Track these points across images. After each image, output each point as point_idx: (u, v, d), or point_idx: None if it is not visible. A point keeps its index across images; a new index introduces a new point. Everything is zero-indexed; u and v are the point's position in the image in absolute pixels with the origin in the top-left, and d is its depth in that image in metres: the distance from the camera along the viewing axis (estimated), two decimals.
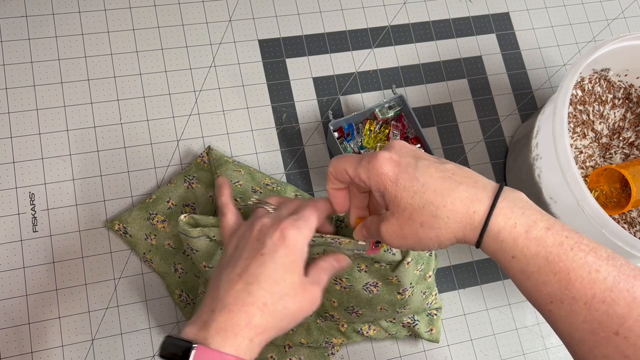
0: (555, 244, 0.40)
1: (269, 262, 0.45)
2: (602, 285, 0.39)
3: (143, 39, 0.73)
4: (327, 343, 0.66)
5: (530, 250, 0.40)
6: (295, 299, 0.45)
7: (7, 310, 0.62)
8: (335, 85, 0.76)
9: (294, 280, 0.45)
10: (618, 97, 0.75)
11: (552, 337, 0.72)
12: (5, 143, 0.67)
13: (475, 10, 0.83)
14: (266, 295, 0.44)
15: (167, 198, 0.66)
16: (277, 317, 0.44)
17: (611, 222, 0.57)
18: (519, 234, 0.40)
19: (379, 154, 0.44)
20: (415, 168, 0.43)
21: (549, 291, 0.40)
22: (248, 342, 0.42)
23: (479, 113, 0.79)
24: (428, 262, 0.61)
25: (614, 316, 0.39)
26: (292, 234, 0.46)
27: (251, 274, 0.45)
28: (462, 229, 0.42)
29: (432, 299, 0.65)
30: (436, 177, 0.42)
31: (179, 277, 0.65)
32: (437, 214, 0.42)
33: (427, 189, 0.42)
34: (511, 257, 0.41)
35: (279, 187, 0.66)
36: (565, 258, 0.40)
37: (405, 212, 0.43)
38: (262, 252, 0.45)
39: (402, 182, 0.43)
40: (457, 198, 0.41)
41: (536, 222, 0.41)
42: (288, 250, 0.45)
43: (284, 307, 0.45)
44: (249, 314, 0.43)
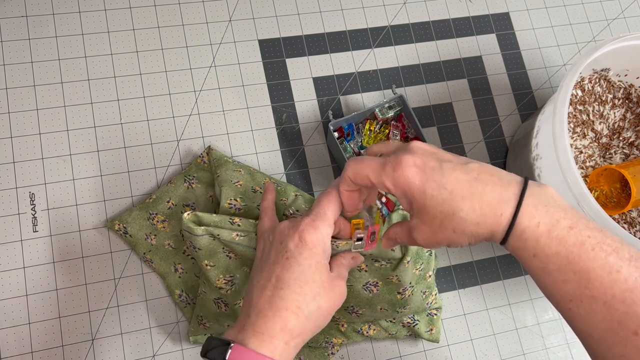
0: (576, 244, 0.40)
1: (294, 265, 0.46)
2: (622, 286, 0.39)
3: (143, 39, 0.73)
4: (327, 343, 0.66)
5: (551, 249, 0.41)
6: (327, 296, 0.46)
7: (7, 310, 0.62)
8: (335, 85, 0.76)
9: (322, 279, 0.46)
10: (618, 97, 0.75)
11: (552, 337, 0.72)
12: (6, 143, 0.67)
13: (475, 10, 0.83)
14: (299, 299, 0.45)
15: (167, 198, 0.66)
16: (312, 319, 0.45)
17: (611, 222, 0.57)
18: (541, 233, 0.41)
19: (403, 160, 0.44)
20: (442, 174, 0.43)
21: (568, 290, 0.41)
22: (284, 345, 0.43)
23: (479, 113, 0.79)
24: (428, 262, 0.61)
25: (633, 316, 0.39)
26: (310, 235, 0.47)
27: (280, 278, 0.46)
28: (490, 231, 0.42)
29: (432, 299, 0.65)
30: (462, 181, 0.43)
31: (179, 277, 0.65)
32: (467, 220, 0.42)
33: (455, 195, 0.42)
34: (532, 256, 0.42)
35: (279, 187, 0.66)
36: (586, 258, 0.40)
37: (436, 220, 0.43)
38: (287, 256, 0.46)
39: (430, 190, 0.43)
40: (485, 202, 0.42)
41: (559, 221, 0.41)
42: (311, 252, 0.46)
43: (318, 307, 0.46)
44: (283, 318, 0.44)
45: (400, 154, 0.45)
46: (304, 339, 0.45)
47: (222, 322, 0.60)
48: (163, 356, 0.64)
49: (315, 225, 0.47)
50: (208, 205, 0.66)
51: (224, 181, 0.62)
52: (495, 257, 0.74)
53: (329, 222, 0.48)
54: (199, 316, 0.62)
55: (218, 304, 0.59)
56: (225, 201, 0.61)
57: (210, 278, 0.57)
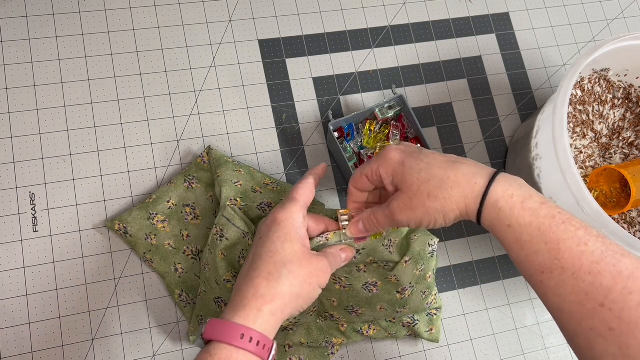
0: (548, 216, 0.43)
1: (265, 240, 0.49)
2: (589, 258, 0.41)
3: (143, 39, 0.73)
4: (327, 343, 0.66)
5: (524, 219, 0.44)
6: (300, 264, 0.48)
7: (7, 310, 0.62)
8: (335, 85, 0.76)
9: (294, 249, 0.49)
10: (618, 97, 0.75)
11: (551, 337, 0.72)
12: (6, 143, 0.67)
13: (475, 10, 0.83)
14: (269, 266, 0.47)
15: (167, 198, 0.66)
16: (285, 284, 0.47)
17: (611, 222, 0.57)
18: (515, 203, 0.44)
19: (387, 147, 0.51)
20: (420, 152, 0.49)
21: (540, 261, 0.43)
22: (257, 312, 0.45)
23: (479, 113, 0.79)
24: (428, 262, 0.61)
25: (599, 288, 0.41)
26: (279, 213, 0.51)
27: (256, 255, 0.49)
28: (464, 198, 0.46)
29: (432, 299, 0.65)
30: (439, 159, 0.48)
31: (179, 277, 0.65)
32: (441, 185, 0.46)
33: (432, 165, 0.47)
34: (507, 226, 0.44)
35: (279, 187, 0.66)
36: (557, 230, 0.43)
37: (413, 186, 0.47)
38: (260, 236, 0.51)
39: (409, 163, 0.48)
40: (460, 172, 0.46)
41: (532, 196, 0.44)
42: (280, 226, 0.50)
43: (290, 272, 0.48)
44: (255, 286, 0.46)
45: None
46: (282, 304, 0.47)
47: None
48: (163, 356, 0.64)
49: (283, 206, 0.52)
50: (208, 205, 0.66)
51: (224, 181, 0.62)
52: (495, 257, 0.74)
53: (297, 203, 0.52)
54: (199, 316, 0.62)
55: (218, 303, 0.59)
56: (226, 201, 0.61)
57: (219, 269, 0.57)
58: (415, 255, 0.60)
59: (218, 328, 0.45)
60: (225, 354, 0.43)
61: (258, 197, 0.63)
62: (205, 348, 0.45)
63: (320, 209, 0.66)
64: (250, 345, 0.44)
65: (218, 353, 0.43)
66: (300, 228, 0.51)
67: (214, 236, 0.59)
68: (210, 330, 0.45)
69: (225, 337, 0.44)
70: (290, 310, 0.48)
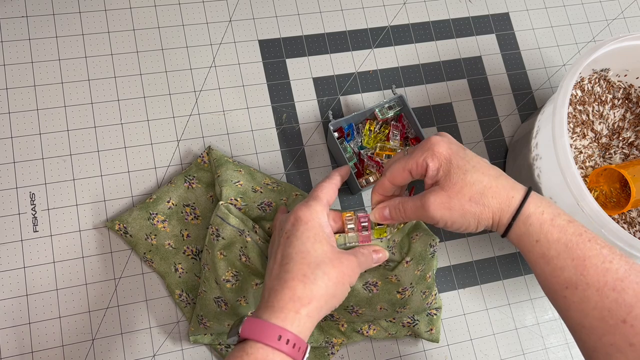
0: (575, 234, 0.45)
1: (293, 240, 0.49)
2: (614, 275, 0.43)
3: (143, 39, 0.73)
4: (327, 343, 0.66)
5: (553, 235, 0.45)
6: (332, 264, 0.48)
7: (7, 310, 0.62)
8: (335, 85, 0.76)
9: (324, 249, 0.49)
10: (618, 97, 0.75)
11: (551, 337, 0.72)
12: (6, 143, 0.67)
13: (475, 10, 0.83)
14: (303, 268, 0.47)
15: (168, 198, 0.66)
16: (321, 285, 0.47)
17: (611, 222, 0.57)
18: (545, 220, 0.46)
19: (432, 138, 0.51)
20: (465, 153, 0.50)
21: (565, 276, 0.45)
22: (294, 314, 0.45)
23: (478, 113, 0.79)
24: (429, 262, 0.62)
25: (622, 304, 0.42)
26: (304, 212, 0.50)
27: (284, 255, 0.48)
28: (500, 210, 0.48)
29: (432, 299, 0.65)
30: (483, 164, 0.49)
31: (179, 277, 0.65)
32: (484, 192, 0.47)
33: (478, 170, 0.48)
34: (535, 241, 0.46)
35: (279, 187, 0.66)
36: (583, 247, 0.44)
37: (456, 186, 0.48)
38: (287, 235, 0.50)
39: (455, 161, 0.49)
40: (501, 183, 0.48)
41: (560, 215, 0.46)
42: (307, 226, 0.49)
43: (324, 272, 0.47)
44: (291, 288, 0.46)
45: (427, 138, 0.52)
46: (318, 306, 0.47)
47: (222, 322, 0.60)
48: (163, 356, 0.64)
49: (307, 204, 0.51)
50: (208, 205, 0.66)
51: (225, 181, 0.62)
52: (495, 257, 0.74)
53: (321, 202, 0.52)
54: (199, 316, 0.62)
55: (218, 303, 0.59)
56: (226, 201, 0.61)
57: (219, 269, 0.57)
58: (417, 256, 0.60)
59: (256, 327, 0.44)
60: (261, 354, 0.43)
61: (258, 197, 0.63)
62: (241, 346, 0.44)
63: None
64: (286, 347, 0.44)
65: (254, 352, 0.43)
66: (326, 227, 0.51)
67: (210, 236, 0.59)
68: (248, 328, 0.44)
69: (262, 337, 0.43)
70: (325, 311, 0.48)
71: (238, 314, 0.58)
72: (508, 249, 0.75)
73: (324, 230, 0.50)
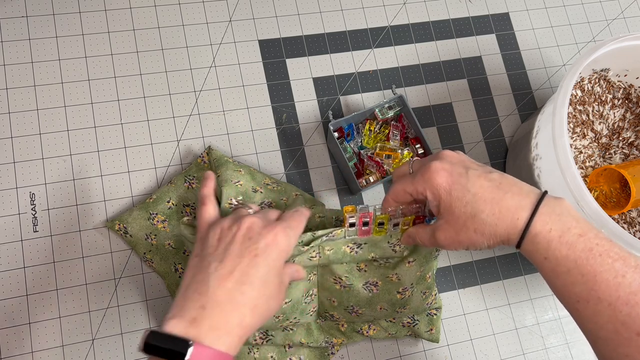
0: (584, 249, 0.44)
1: (262, 264, 0.46)
2: (627, 289, 0.42)
3: (143, 39, 0.73)
4: (327, 343, 0.66)
5: (561, 253, 0.45)
6: (277, 299, 0.48)
7: (7, 310, 0.62)
8: (335, 85, 0.76)
9: (276, 283, 0.47)
10: (618, 97, 0.75)
11: (551, 337, 0.72)
12: (6, 143, 0.67)
13: (475, 10, 0.83)
14: (258, 297, 0.45)
15: (168, 198, 0.66)
16: (262, 318, 0.46)
17: (611, 222, 0.57)
18: (552, 237, 0.45)
19: (432, 166, 0.49)
20: (467, 179, 0.48)
21: (576, 291, 0.44)
22: (238, 340, 0.43)
23: (478, 113, 0.79)
24: (429, 262, 0.62)
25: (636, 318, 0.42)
26: (284, 239, 0.48)
27: (244, 273, 0.45)
28: (507, 233, 0.47)
29: (432, 299, 0.65)
30: (485, 187, 0.47)
31: (179, 277, 0.65)
32: (487, 221, 0.47)
33: (478, 198, 0.47)
34: (544, 258, 0.46)
35: (279, 187, 0.66)
36: (594, 262, 0.44)
37: (460, 220, 0.48)
38: (256, 253, 0.46)
39: (455, 192, 0.48)
40: (504, 207, 0.47)
41: (570, 229, 0.45)
42: (280, 256, 0.47)
43: (268, 308, 0.47)
44: (241, 314, 0.44)
45: (429, 162, 0.50)
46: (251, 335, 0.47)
47: None
48: None
49: (288, 233, 0.48)
50: None
51: (225, 181, 0.62)
52: (495, 257, 0.74)
53: (297, 234, 0.50)
54: None
55: None
56: (226, 201, 0.61)
57: None
58: (421, 258, 0.60)
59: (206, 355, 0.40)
60: None
61: (258, 197, 0.63)
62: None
63: (320, 209, 0.66)
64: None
65: None
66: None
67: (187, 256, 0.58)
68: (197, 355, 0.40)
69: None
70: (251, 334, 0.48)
71: None
72: (508, 248, 0.75)
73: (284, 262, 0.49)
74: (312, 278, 0.61)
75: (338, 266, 0.60)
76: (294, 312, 0.61)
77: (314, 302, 0.64)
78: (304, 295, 0.61)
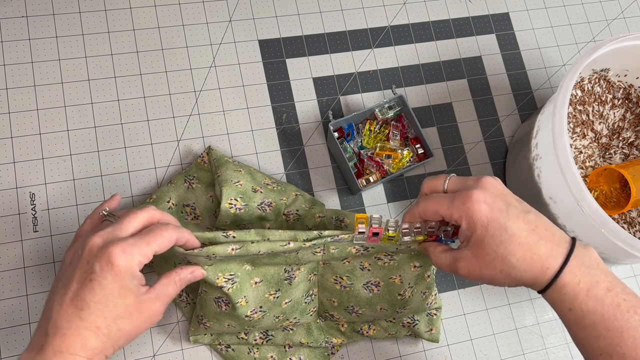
0: (612, 305, 0.44)
1: (97, 288, 0.44)
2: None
3: (143, 39, 0.73)
4: (327, 343, 0.66)
5: (588, 306, 0.45)
6: (130, 319, 0.46)
7: (7, 310, 0.62)
8: (335, 85, 0.76)
9: (126, 303, 0.45)
10: (618, 97, 0.75)
11: (551, 337, 0.72)
12: (6, 143, 0.67)
13: (475, 10, 0.83)
14: (98, 320, 0.44)
15: (168, 198, 0.66)
16: (113, 338, 0.45)
17: (611, 222, 0.57)
18: (580, 290, 0.46)
19: (474, 195, 0.47)
20: (507, 217, 0.47)
21: (599, 344, 0.45)
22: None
23: (478, 113, 0.79)
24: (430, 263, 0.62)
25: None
26: (120, 260, 0.44)
27: (82, 299, 0.44)
28: (533, 280, 0.47)
29: (432, 299, 0.65)
30: (522, 230, 0.46)
31: None
32: (516, 266, 0.46)
33: (513, 241, 0.46)
34: (568, 309, 0.46)
35: (279, 187, 0.66)
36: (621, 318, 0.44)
37: (488, 257, 0.47)
38: (91, 277, 0.44)
39: (492, 229, 0.46)
40: (536, 254, 0.46)
41: (598, 283, 0.45)
42: (116, 277, 0.44)
43: (119, 329, 0.45)
44: (83, 337, 0.44)
45: (471, 188, 0.48)
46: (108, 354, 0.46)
47: (222, 322, 0.60)
48: (163, 356, 0.64)
49: (128, 251, 0.45)
50: (208, 205, 0.66)
51: (225, 181, 0.62)
52: None
53: (145, 253, 0.46)
54: (199, 316, 0.62)
55: (219, 303, 0.59)
56: (226, 201, 0.61)
57: (208, 277, 0.56)
58: (427, 263, 0.60)
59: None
60: None
61: (258, 196, 0.63)
62: None
63: (320, 209, 0.66)
64: None
65: None
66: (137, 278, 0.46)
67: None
68: None
69: None
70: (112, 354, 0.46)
71: (238, 314, 0.58)
72: None
73: (133, 281, 0.46)
74: (313, 278, 0.61)
75: (339, 265, 0.60)
76: (294, 312, 0.61)
77: (314, 302, 0.64)
78: (304, 295, 0.61)
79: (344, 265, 0.60)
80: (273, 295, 0.58)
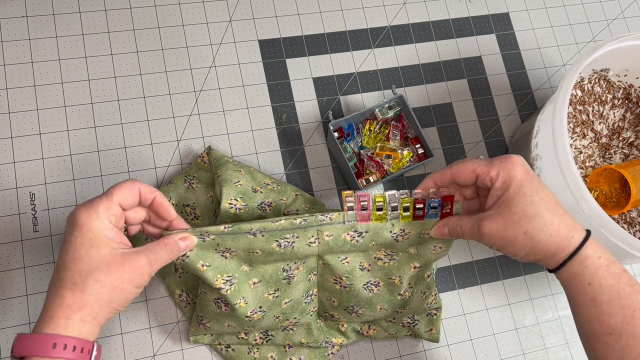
0: (628, 284, 0.46)
1: (69, 248, 0.46)
2: None
3: (143, 39, 0.73)
4: (327, 343, 0.66)
5: (607, 281, 0.46)
6: (108, 269, 0.46)
7: (7, 310, 0.62)
8: (335, 85, 0.76)
9: (101, 254, 0.46)
10: (618, 97, 0.75)
11: (551, 336, 0.72)
12: (6, 143, 0.67)
13: (475, 10, 0.83)
14: (74, 275, 0.45)
15: (168, 198, 0.65)
16: (91, 293, 0.45)
17: (611, 222, 0.57)
18: (601, 265, 0.47)
19: (513, 157, 0.49)
20: (539, 183, 0.49)
21: (612, 323, 0.46)
22: (65, 321, 0.44)
23: (478, 113, 0.79)
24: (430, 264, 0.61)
25: None
26: (81, 214, 0.46)
27: (60, 263, 0.46)
28: (557, 248, 0.47)
29: (432, 299, 0.65)
30: (552, 198, 0.48)
31: (179, 277, 0.65)
32: (542, 228, 0.47)
33: (543, 203, 0.47)
34: (587, 284, 0.47)
35: (279, 187, 0.66)
36: (635, 298, 0.45)
37: (515, 216, 0.48)
38: (64, 239, 0.47)
39: (525, 188, 0.48)
40: (564, 222, 0.47)
41: (615, 262, 0.47)
42: (81, 231, 0.46)
43: (95, 280, 0.45)
44: (60, 296, 0.45)
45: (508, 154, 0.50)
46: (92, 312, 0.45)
47: (222, 322, 0.60)
48: (163, 356, 0.64)
49: (88, 205, 0.47)
50: (208, 205, 0.66)
51: (225, 181, 0.62)
52: (495, 257, 0.74)
53: (108, 201, 0.47)
54: (199, 316, 0.62)
55: (218, 304, 0.59)
56: (226, 201, 0.61)
57: (207, 279, 0.56)
58: (425, 265, 0.59)
59: (28, 342, 0.43)
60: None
61: (258, 196, 0.63)
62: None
63: (320, 208, 0.66)
64: (66, 353, 0.43)
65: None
66: (108, 229, 0.47)
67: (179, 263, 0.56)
68: (20, 346, 0.43)
69: (37, 350, 0.42)
70: (104, 316, 0.46)
71: (238, 315, 0.58)
72: None
73: (103, 232, 0.46)
74: (312, 278, 0.61)
75: (339, 265, 0.60)
76: (293, 312, 0.61)
77: (314, 302, 0.64)
78: (303, 295, 0.61)
79: (344, 265, 0.59)
80: (272, 295, 0.58)
